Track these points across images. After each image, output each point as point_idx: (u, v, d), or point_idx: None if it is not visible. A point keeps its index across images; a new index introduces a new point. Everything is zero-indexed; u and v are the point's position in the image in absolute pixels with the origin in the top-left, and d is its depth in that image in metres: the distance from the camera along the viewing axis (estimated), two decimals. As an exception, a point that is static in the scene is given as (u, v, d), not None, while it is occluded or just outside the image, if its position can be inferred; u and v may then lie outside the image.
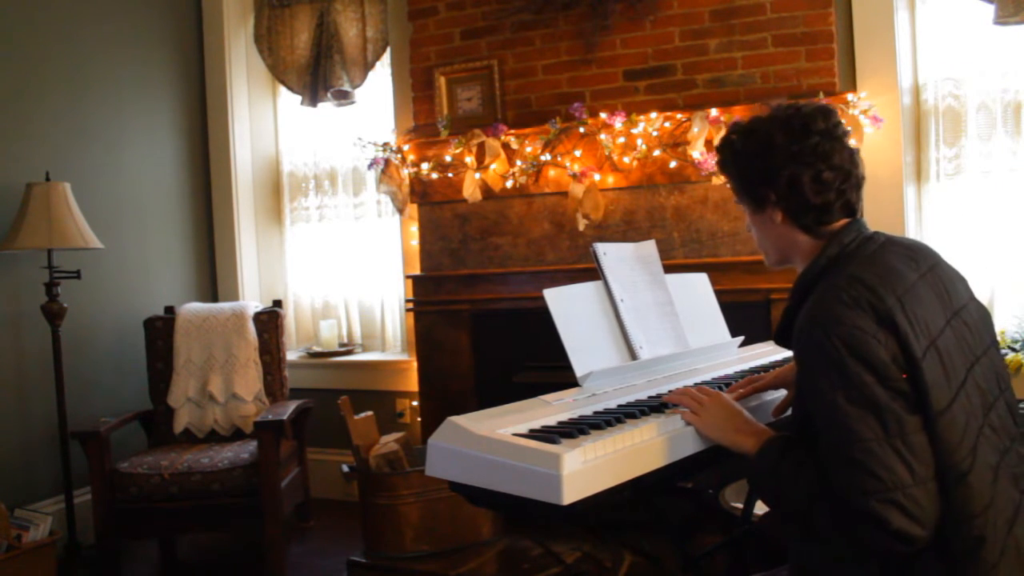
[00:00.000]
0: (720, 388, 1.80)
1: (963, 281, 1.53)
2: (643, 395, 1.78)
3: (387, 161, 3.78)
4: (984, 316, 1.52)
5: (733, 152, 1.57)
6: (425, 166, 3.68)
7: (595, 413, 1.64)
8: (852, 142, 1.54)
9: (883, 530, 1.26)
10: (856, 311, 1.33)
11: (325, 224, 4.41)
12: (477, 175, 3.57)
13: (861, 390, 1.30)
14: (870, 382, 1.29)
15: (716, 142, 3.07)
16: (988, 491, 1.31)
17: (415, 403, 3.93)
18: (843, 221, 1.51)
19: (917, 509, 1.26)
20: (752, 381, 1.81)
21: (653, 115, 3.32)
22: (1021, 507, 1.36)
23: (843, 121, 1.53)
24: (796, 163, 1.47)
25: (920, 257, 1.48)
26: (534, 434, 1.47)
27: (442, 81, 3.74)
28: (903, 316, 1.34)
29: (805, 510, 1.37)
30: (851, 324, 1.32)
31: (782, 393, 1.78)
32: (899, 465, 1.27)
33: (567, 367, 1.75)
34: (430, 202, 3.75)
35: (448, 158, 3.64)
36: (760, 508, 2.12)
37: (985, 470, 1.32)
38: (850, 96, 3.12)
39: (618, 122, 3.33)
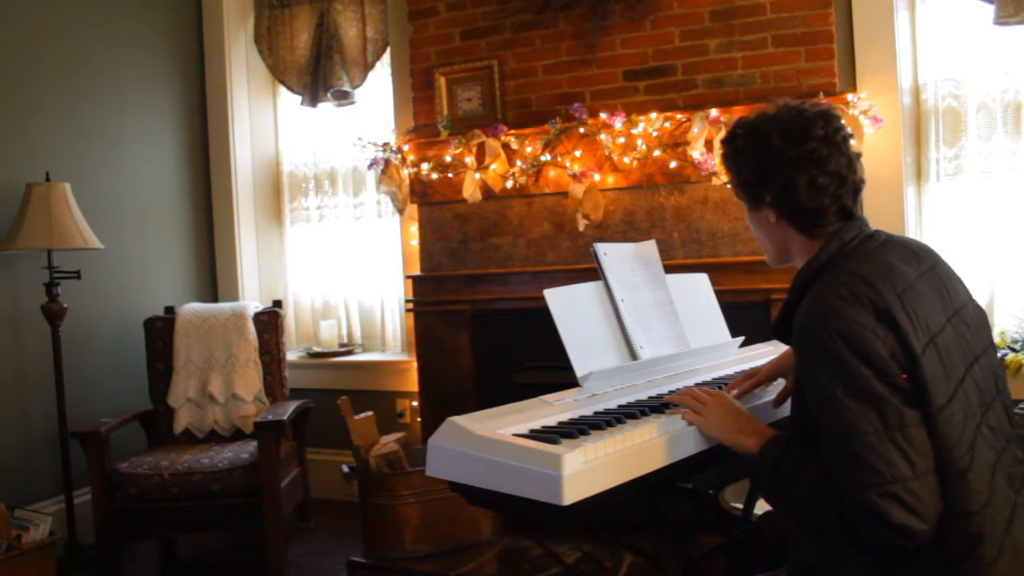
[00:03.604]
0: (720, 388, 1.81)
1: (961, 282, 1.54)
2: (644, 395, 1.78)
3: (387, 161, 3.77)
4: (982, 317, 1.53)
5: (734, 149, 1.57)
6: (425, 166, 3.68)
7: (596, 413, 1.64)
8: (853, 143, 1.54)
9: (884, 524, 1.26)
10: (855, 306, 1.33)
11: (325, 224, 4.41)
12: (477, 175, 3.57)
13: (860, 383, 1.30)
14: (868, 375, 1.30)
15: (720, 137, 3.11)
16: (986, 489, 1.32)
17: (415, 403, 3.93)
18: (840, 224, 1.51)
19: (917, 503, 1.26)
20: (749, 376, 1.83)
21: (653, 115, 3.32)
22: (1017, 507, 1.36)
23: (845, 125, 1.53)
24: (792, 167, 1.48)
25: (920, 256, 1.49)
26: (535, 434, 1.47)
27: (442, 81, 3.74)
28: (903, 312, 1.34)
29: (806, 507, 1.38)
30: (849, 319, 1.32)
31: (781, 383, 1.80)
32: (899, 459, 1.27)
33: (567, 367, 1.75)
34: (430, 202, 3.75)
35: (448, 158, 3.64)
36: (760, 508, 2.12)
37: (983, 468, 1.33)
38: (850, 96, 3.12)
39: (618, 122, 3.33)
